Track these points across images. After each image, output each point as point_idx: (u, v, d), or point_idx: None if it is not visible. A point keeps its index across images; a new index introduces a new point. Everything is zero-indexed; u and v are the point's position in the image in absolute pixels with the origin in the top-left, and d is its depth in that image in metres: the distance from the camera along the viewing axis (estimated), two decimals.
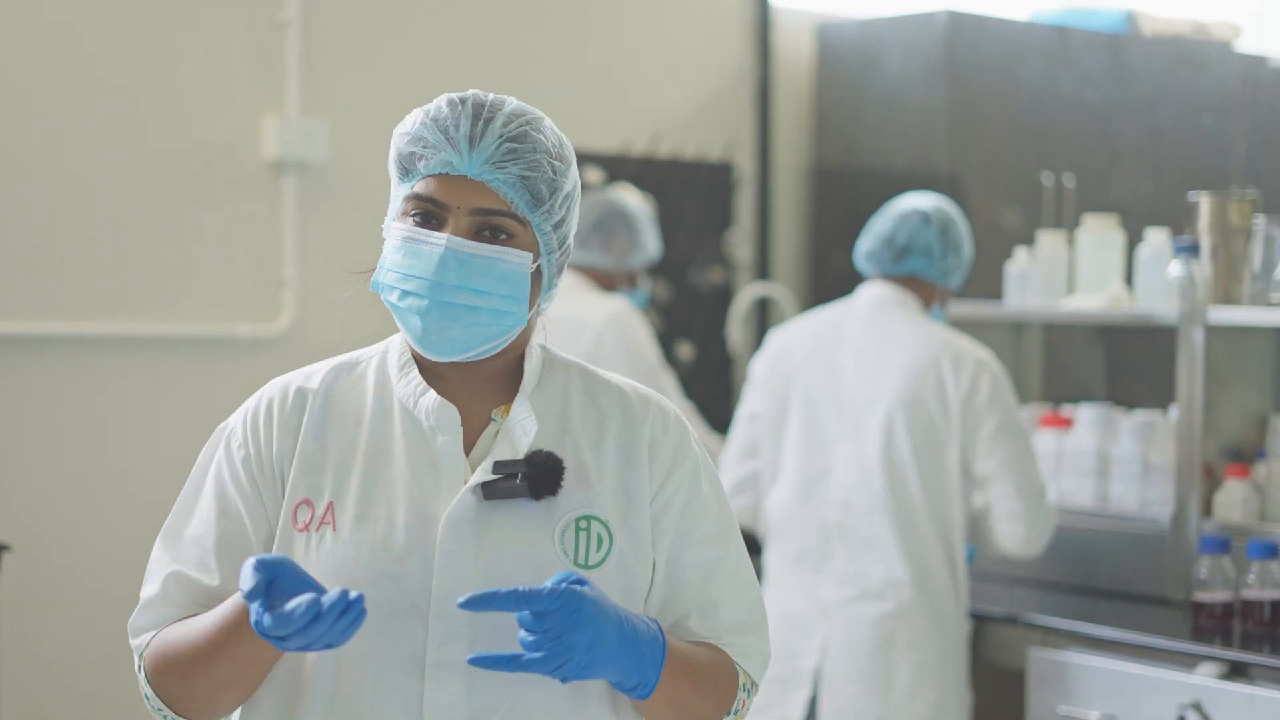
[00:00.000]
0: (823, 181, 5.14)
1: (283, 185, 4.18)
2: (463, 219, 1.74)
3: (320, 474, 1.77)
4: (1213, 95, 4.46)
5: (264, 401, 1.82)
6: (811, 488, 3.48)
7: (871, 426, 3.42)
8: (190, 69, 4.06)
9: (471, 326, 1.74)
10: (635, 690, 1.72)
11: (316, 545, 1.74)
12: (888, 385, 3.41)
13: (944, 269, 3.53)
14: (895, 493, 3.39)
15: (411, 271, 1.74)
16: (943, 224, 3.52)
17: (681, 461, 1.84)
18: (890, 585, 3.38)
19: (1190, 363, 3.55)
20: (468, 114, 1.75)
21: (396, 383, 1.81)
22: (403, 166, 1.78)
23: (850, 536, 3.42)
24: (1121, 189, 4.67)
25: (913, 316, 3.49)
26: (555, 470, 1.75)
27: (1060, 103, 4.79)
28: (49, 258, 3.89)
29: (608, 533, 1.77)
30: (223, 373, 4.06)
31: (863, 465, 3.42)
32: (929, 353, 3.41)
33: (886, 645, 3.37)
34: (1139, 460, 3.70)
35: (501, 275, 1.74)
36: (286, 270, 4.18)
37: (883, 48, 4.91)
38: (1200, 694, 3.09)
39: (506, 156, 1.74)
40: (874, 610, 3.38)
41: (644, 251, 4.15)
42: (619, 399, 1.85)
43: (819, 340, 3.53)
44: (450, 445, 1.77)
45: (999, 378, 3.41)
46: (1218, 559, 3.35)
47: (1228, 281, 3.59)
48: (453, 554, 1.72)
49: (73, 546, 3.89)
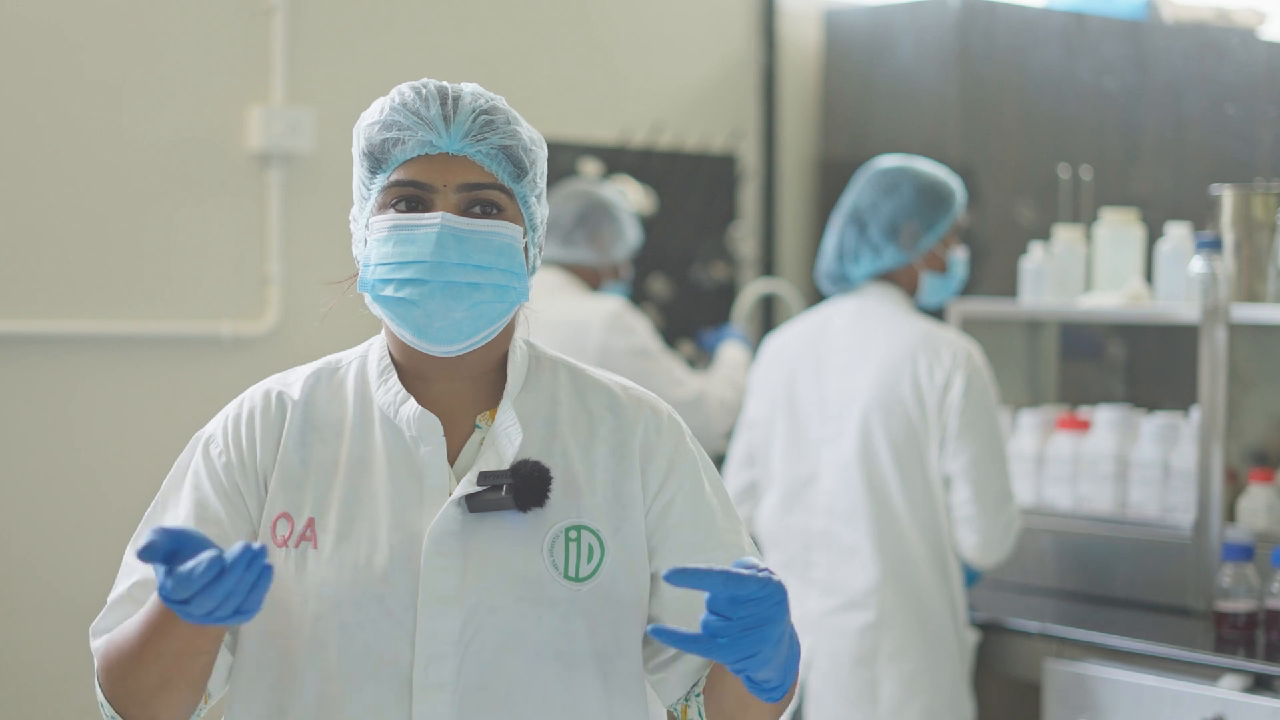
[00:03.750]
0: (830, 174, 5.14)
1: (267, 178, 4.18)
2: (451, 196, 1.75)
3: (300, 488, 1.77)
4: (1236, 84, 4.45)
5: (245, 408, 1.82)
6: (797, 496, 3.48)
7: (849, 429, 3.42)
8: (171, 58, 4.06)
9: (475, 306, 1.74)
10: (773, 691, 1.68)
11: (297, 562, 1.75)
12: (864, 384, 3.42)
13: (891, 254, 3.47)
14: (874, 497, 3.38)
15: (406, 258, 1.73)
16: (859, 220, 3.49)
17: (678, 465, 1.83)
18: (872, 594, 3.37)
19: (1212, 363, 3.55)
20: (434, 95, 1.77)
21: (376, 390, 1.81)
22: (375, 157, 1.78)
23: (833, 544, 3.42)
24: (1141, 182, 4.67)
25: (894, 311, 3.47)
26: (542, 481, 1.74)
27: (1077, 92, 4.79)
28: (24, 254, 3.89)
29: (599, 543, 1.77)
30: (205, 373, 4.07)
31: (843, 470, 3.41)
32: (905, 346, 3.40)
33: (870, 657, 3.36)
34: (1159, 464, 3.70)
35: (499, 249, 1.75)
36: (271, 266, 4.19)
37: (892, 34, 4.91)
38: (1223, 708, 3.09)
39: (484, 128, 1.76)
40: (857, 621, 3.37)
41: (627, 242, 4.18)
42: (609, 400, 1.84)
43: (806, 342, 3.55)
44: (433, 456, 1.77)
45: (978, 371, 3.38)
46: (1241, 567, 3.35)
47: (1251, 278, 3.59)
48: (438, 569, 1.72)
49: (47, 551, 3.89)
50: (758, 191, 5.14)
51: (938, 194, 3.50)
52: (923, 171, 3.53)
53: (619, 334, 3.99)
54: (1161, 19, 4.92)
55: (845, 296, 3.56)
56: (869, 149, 5.02)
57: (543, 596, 1.74)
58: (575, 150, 4.74)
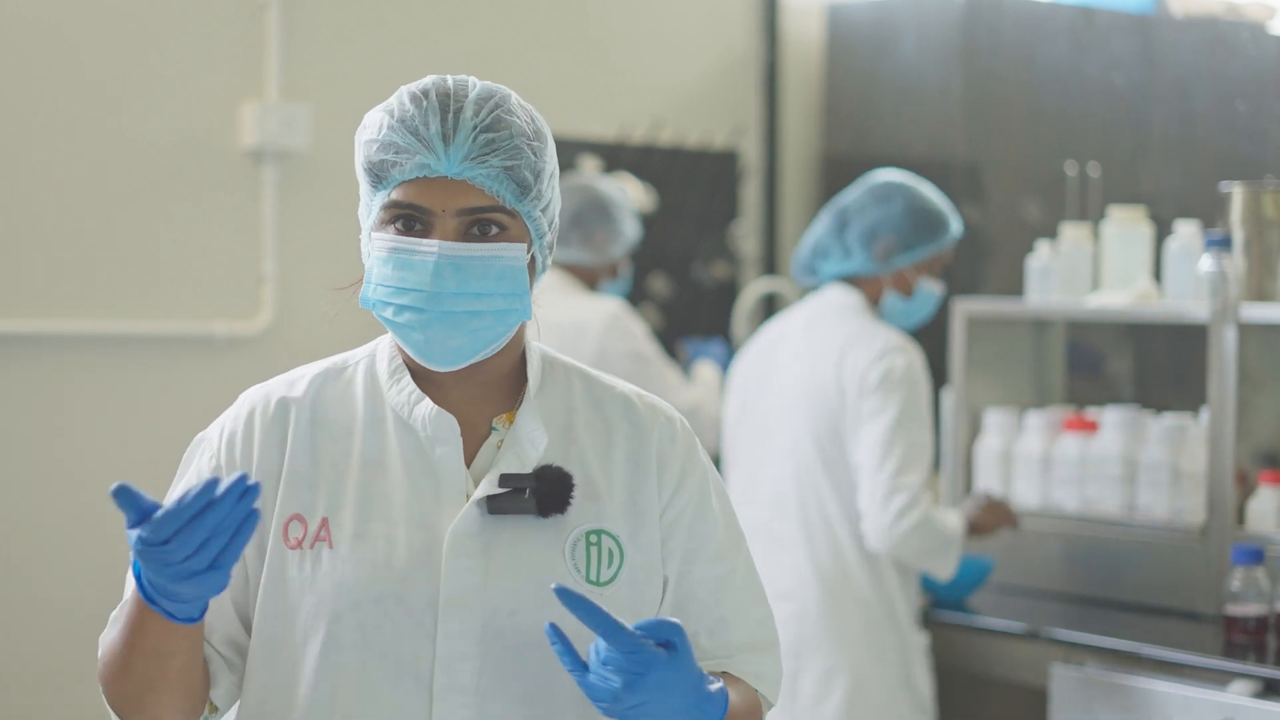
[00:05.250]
0: (833, 171, 5.14)
1: (262, 175, 4.18)
2: (450, 221, 1.73)
3: (312, 489, 1.77)
4: (1246, 80, 4.45)
5: (244, 412, 1.82)
6: (745, 491, 3.53)
7: (781, 422, 3.48)
8: (164, 53, 4.06)
9: (475, 333, 1.74)
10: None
11: (312, 564, 1.75)
12: (799, 377, 3.47)
13: (860, 260, 3.51)
14: (801, 490, 3.43)
15: (405, 285, 1.73)
16: (843, 219, 3.54)
17: (690, 473, 1.86)
18: (798, 586, 3.41)
19: (1222, 363, 3.55)
20: (434, 108, 1.73)
21: (388, 390, 1.81)
22: (374, 175, 1.76)
23: (768, 537, 3.46)
24: (1149, 179, 4.67)
25: (845, 311, 3.50)
26: (565, 487, 1.76)
27: (1084, 88, 4.78)
28: (15, 253, 3.89)
29: (618, 548, 1.79)
30: (199, 373, 4.07)
31: (777, 463, 3.48)
32: (841, 338, 3.44)
33: (793, 649, 3.37)
34: (1168, 466, 3.70)
35: (499, 274, 1.74)
36: (266, 265, 4.19)
37: (896, 29, 4.91)
38: (1233, 713, 3.09)
39: (485, 149, 1.73)
40: (781, 612, 3.32)
41: (624, 240, 4.16)
42: (625, 407, 1.86)
43: (767, 345, 3.62)
44: (450, 456, 1.77)
45: (903, 365, 3.37)
46: (1251, 570, 3.35)
47: (1262, 277, 3.59)
48: (460, 570, 1.73)
49: (39, 554, 3.89)
50: (759, 189, 5.14)
51: (927, 218, 3.52)
52: (921, 193, 3.55)
53: (617, 337, 3.98)
54: (1170, 13, 4.92)
55: (810, 296, 3.62)
56: (872, 146, 5.02)
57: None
58: (574, 146, 4.74)
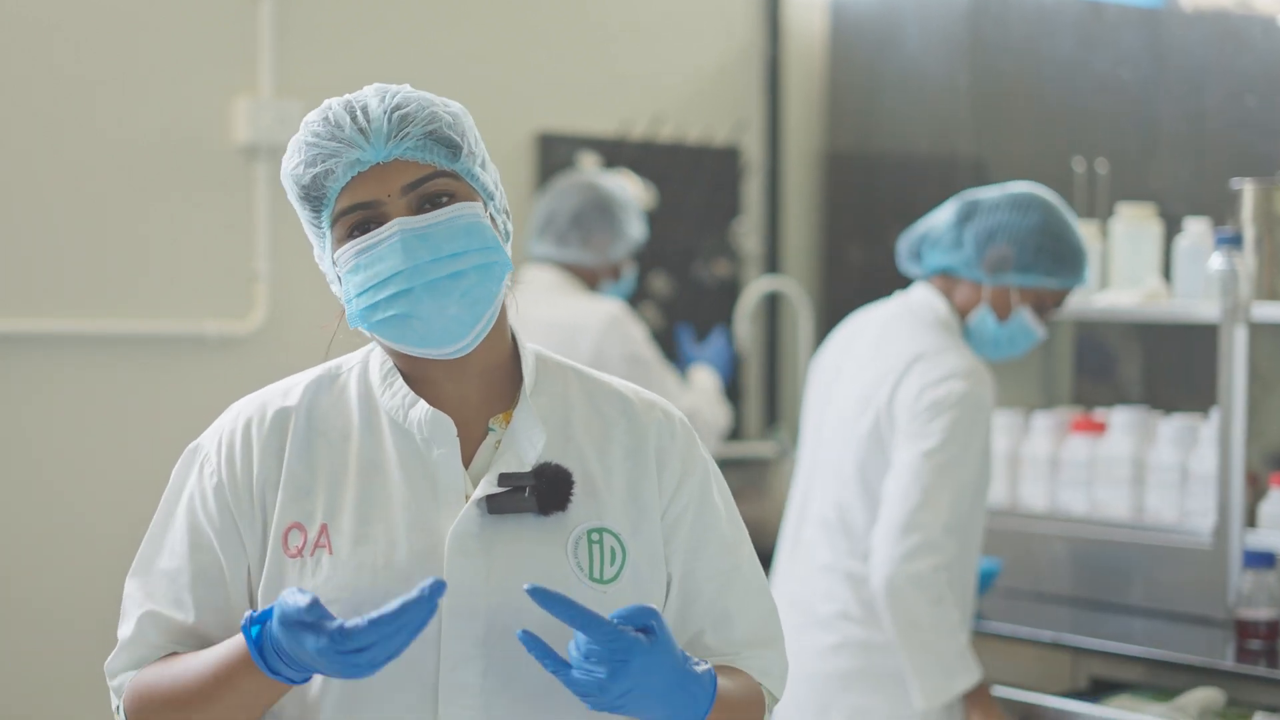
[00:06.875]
0: (836, 167, 5.14)
1: (255, 172, 4.18)
2: (399, 202, 1.77)
3: (310, 496, 1.79)
4: (1257, 74, 4.45)
5: (240, 423, 1.84)
6: (798, 506, 3.32)
7: (834, 440, 3.22)
8: (156, 49, 4.06)
9: (466, 294, 1.76)
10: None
11: (312, 571, 1.76)
12: (853, 395, 3.18)
13: (964, 260, 3.19)
14: (843, 518, 3.15)
15: (381, 276, 1.76)
16: (969, 212, 3.20)
17: (691, 469, 1.87)
18: (837, 619, 3.15)
19: (1232, 363, 3.55)
20: (341, 113, 1.78)
21: (381, 395, 1.83)
22: (312, 197, 1.79)
23: (809, 560, 3.22)
24: (1159, 176, 4.66)
25: (924, 328, 3.18)
26: (565, 484, 1.78)
27: (1092, 83, 4.78)
28: (2, 251, 3.89)
29: (620, 546, 1.80)
30: (191, 373, 4.06)
31: (823, 487, 3.23)
32: (908, 357, 3.13)
33: (821, 685, 3.15)
34: (1177, 468, 3.70)
35: (466, 230, 1.77)
36: (259, 263, 4.19)
37: (901, 23, 4.91)
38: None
39: (403, 123, 1.77)
40: (818, 644, 3.16)
41: (627, 240, 4.15)
42: (622, 404, 1.88)
43: (839, 348, 3.35)
44: (447, 458, 1.79)
45: (964, 394, 3.05)
46: (1262, 574, 3.35)
47: (1273, 275, 3.59)
48: (462, 570, 1.75)
49: (30, 557, 3.89)
50: (762, 186, 5.14)
51: (1058, 246, 3.16)
52: (1064, 219, 3.20)
53: (616, 339, 3.97)
54: (1180, 8, 4.92)
55: (898, 293, 3.33)
56: (876, 142, 5.02)
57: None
58: (573, 143, 4.74)
